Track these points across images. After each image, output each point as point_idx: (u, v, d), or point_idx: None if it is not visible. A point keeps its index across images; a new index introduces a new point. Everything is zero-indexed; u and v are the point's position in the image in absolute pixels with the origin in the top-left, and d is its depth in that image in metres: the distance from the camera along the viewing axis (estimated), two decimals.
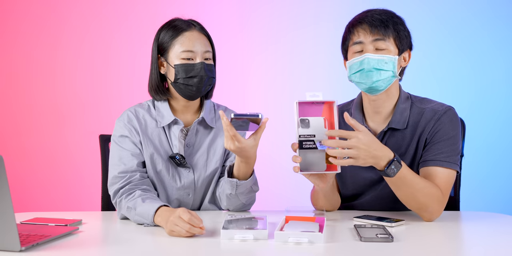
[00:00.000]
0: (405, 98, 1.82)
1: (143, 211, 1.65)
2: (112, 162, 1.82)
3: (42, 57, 3.40)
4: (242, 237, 1.46)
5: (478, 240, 1.56)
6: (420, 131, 1.77)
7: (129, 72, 3.38)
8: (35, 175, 3.40)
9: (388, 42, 1.72)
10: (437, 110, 1.77)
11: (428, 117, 1.77)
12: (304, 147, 1.55)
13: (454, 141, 1.74)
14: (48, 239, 1.46)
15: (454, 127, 1.75)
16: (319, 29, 3.33)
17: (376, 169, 1.74)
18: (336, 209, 1.89)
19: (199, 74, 1.79)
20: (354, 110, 1.86)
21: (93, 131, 3.03)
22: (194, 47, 1.79)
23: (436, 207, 1.66)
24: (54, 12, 3.39)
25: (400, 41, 1.74)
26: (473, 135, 2.61)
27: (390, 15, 1.76)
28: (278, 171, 3.29)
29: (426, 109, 1.79)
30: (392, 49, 1.73)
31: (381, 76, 1.71)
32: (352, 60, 1.74)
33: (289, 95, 3.37)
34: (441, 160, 1.71)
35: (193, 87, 1.80)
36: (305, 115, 1.56)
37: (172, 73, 1.81)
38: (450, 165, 1.71)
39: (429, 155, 1.73)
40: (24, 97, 3.41)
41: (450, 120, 1.75)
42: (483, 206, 3.19)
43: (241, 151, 1.64)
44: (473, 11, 3.30)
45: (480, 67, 3.31)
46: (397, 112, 1.79)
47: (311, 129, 1.55)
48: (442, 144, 1.73)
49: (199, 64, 1.79)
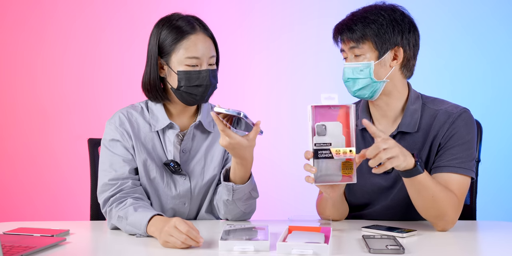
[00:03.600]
0: (416, 98, 1.82)
1: (135, 220, 1.65)
2: (102, 168, 1.82)
3: (25, 53, 3.39)
4: (242, 248, 1.46)
5: (495, 251, 1.55)
6: (434, 135, 1.77)
7: (120, 70, 3.38)
8: (18, 182, 3.40)
9: (364, 48, 1.75)
10: (452, 113, 1.77)
11: (442, 120, 1.77)
12: (320, 156, 1.55)
13: (469, 146, 1.74)
14: (33, 250, 1.46)
15: (469, 131, 1.75)
16: (323, 25, 3.33)
17: (385, 174, 1.76)
18: (343, 219, 1.89)
19: (204, 83, 1.78)
20: (361, 112, 1.87)
21: (81, 134, 3.03)
22: (200, 53, 1.77)
23: (453, 215, 1.67)
24: (38, 6, 3.39)
25: (378, 42, 1.74)
26: (490, 139, 2.61)
27: (367, 15, 1.76)
28: (280, 177, 3.29)
29: (439, 111, 1.79)
30: (368, 55, 1.75)
31: (358, 85, 1.76)
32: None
33: (292, 96, 3.37)
34: (455, 166, 1.71)
35: (197, 96, 1.80)
36: (321, 121, 1.56)
37: (174, 79, 1.80)
38: (465, 171, 1.71)
39: (443, 160, 1.73)
40: (6, 97, 3.40)
41: (466, 124, 1.75)
42: (501, 215, 3.19)
43: (234, 149, 1.65)
44: (490, 6, 3.30)
45: (497, 66, 3.30)
46: (406, 114, 1.79)
47: (327, 136, 1.55)
48: (457, 149, 1.73)
49: (204, 72, 1.78)
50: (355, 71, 1.75)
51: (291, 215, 1.71)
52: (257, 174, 1.86)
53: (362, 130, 1.86)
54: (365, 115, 1.86)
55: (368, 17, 1.75)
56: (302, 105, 3.44)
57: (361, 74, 1.74)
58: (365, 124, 1.58)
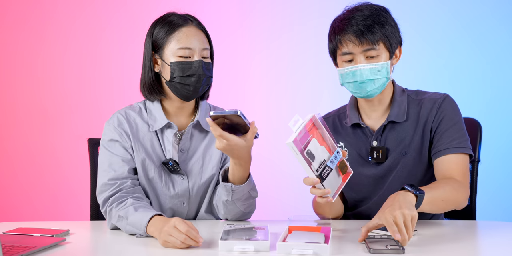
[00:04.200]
0: (401, 91, 1.91)
1: (135, 220, 1.65)
2: (101, 169, 1.82)
3: (25, 53, 3.39)
4: (242, 248, 1.46)
5: (495, 251, 1.55)
6: (424, 121, 1.85)
7: (120, 70, 3.38)
8: (18, 182, 3.40)
9: (379, 49, 1.77)
10: (436, 98, 1.87)
11: (429, 107, 1.86)
12: (325, 176, 1.54)
13: (460, 126, 1.84)
14: (33, 250, 1.46)
15: (456, 112, 1.86)
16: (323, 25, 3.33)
17: (379, 165, 1.85)
18: (340, 217, 1.92)
19: (197, 73, 1.79)
20: (350, 110, 1.93)
21: (81, 134, 3.03)
22: (192, 44, 1.80)
23: (463, 199, 1.75)
24: (38, 6, 3.39)
25: (390, 43, 1.79)
26: (490, 139, 2.61)
27: (376, 16, 1.78)
28: (280, 177, 3.29)
29: (423, 99, 1.89)
30: (384, 55, 1.79)
31: (375, 85, 1.80)
32: (343, 69, 1.81)
33: (291, 96, 3.37)
34: (456, 147, 1.80)
35: (190, 86, 1.80)
36: (304, 148, 1.49)
37: (167, 72, 1.81)
38: (466, 150, 1.81)
39: (443, 143, 1.81)
40: (6, 97, 3.40)
41: (452, 106, 1.86)
42: (500, 215, 3.19)
43: (232, 150, 1.65)
44: (490, 6, 3.30)
45: (497, 66, 3.30)
46: (394, 105, 1.87)
47: (316, 156, 1.53)
48: (451, 131, 1.82)
49: (197, 62, 1.79)
50: (373, 72, 1.78)
51: (291, 215, 1.70)
52: (257, 174, 1.86)
53: (352, 126, 1.91)
54: (353, 112, 1.91)
55: (379, 18, 1.78)
56: (302, 105, 3.47)
57: (379, 74, 1.78)
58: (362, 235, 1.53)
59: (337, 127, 1.96)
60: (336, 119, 1.98)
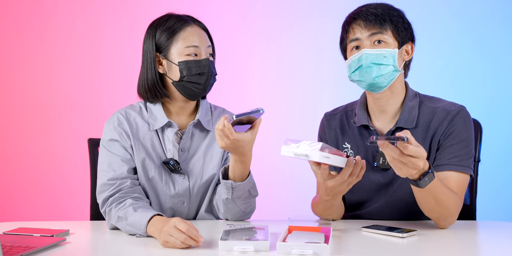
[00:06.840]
0: (413, 96, 1.84)
1: (135, 220, 1.65)
2: (101, 168, 1.82)
3: (25, 53, 3.39)
4: (242, 248, 1.46)
5: (495, 251, 1.55)
6: (433, 132, 1.79)
7: (120, 70, 3.38)
8: (18, 182, 3.40)
9: (386, 35, 1.75)
10: (450, 110, 1.79)
11: (441, 118, 1.79)
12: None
13: (467, 144, 1.76)
14: (33, 251, 1.46)
15: (467, 129, 1.78)
16: (323, 25, 3.34)
17: (383, 171, 1.79)
18: (339, 218, 1.90)
19: (206, 71, 1.80)
20: (359, 110, 1.88)
21: (81, 134, 3.03)
22: (198, 42, 1.81)
23: (455, 216, 1.71)
24: (38, 6, 3.39)
25: (399, 33, 1.77)
26: (490, 139, 2.61)
27: (387, 8, 1.79)
28: (280, 177, 3.29)
29: (437, 108, 1.81)
30: (391, 42, 1.76)
31: (381, 71, 1.74)
32: (350, 58, 1.78)
33: (291, 96, 3.37)
34: (454, 164, 1.74)
35: (200, 85, 1.81)
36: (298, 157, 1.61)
37: (175, 72, 1.81)
38: (464, 169, 1.74)
39: (443, 159, 1.75)
40: (6, 97, 3.40)
41: (464, 121, 1.78)
42: (501, 215, 3.19)
43: (237, 147, 1.65)
44: (490, 6, 3.30)
45: (497, 66, 3.30)
46: (405, 110, 1.81)
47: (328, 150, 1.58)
48: (455, 147, 1.75)
49: (204, 60, 1.80)
50: (379, 57, 1.73)
51: (291, 215, 1.71)
52: (257, 174, 1.85)
53: (360, 127, 1.88)
54: (362, 112, 1.87)
55: (390, 11, 1.77)
56: (302, 105, 3.46)
57: (385, 60, 1.74)
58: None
59: (344, 126, 1.92)
60: (343, 117, 1.93)
